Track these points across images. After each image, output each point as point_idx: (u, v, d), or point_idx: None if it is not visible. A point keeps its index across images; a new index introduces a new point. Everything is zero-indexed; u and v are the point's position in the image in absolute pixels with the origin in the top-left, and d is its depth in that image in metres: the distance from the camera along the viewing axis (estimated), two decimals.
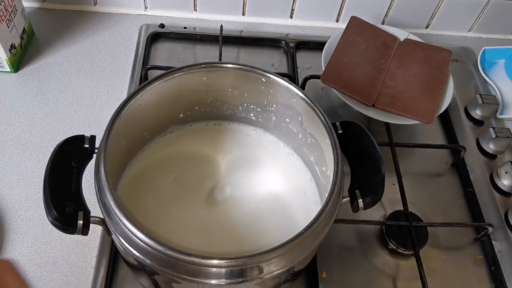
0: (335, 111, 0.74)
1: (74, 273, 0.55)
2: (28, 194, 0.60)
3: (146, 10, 0.84)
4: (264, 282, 0.43)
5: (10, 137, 0.65)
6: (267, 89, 0.54)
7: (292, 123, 0.56)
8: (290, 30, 0.86)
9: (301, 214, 0.53)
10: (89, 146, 0.46)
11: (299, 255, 0.41)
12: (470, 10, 0.85)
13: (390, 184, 0.65)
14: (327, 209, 0.42)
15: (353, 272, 0.58)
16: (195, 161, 0.56)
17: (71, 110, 0.69)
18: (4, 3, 0.67)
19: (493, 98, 0.74)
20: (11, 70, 0.72)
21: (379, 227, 0.62)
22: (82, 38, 0.79)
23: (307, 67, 0.80)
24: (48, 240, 0.57)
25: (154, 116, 0.54)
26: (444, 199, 0.67)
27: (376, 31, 0.75)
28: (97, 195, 0.43)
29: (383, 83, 0.69)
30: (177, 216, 0.51)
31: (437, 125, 0.75)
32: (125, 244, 0.40)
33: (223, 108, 0.59)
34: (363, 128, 0.51)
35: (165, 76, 0.50)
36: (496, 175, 0.68)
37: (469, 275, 0.60)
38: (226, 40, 0.78)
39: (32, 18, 0.79)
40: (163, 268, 0.39)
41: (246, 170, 0.57)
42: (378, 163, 0.48)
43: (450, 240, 0.62)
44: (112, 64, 0.76)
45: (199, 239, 0.50)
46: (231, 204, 0.53)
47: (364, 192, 0.46)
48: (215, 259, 0.38)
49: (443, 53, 0.73)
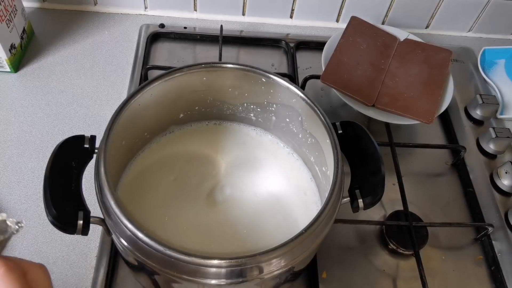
0: (335, 111, 0.74)
1: (74, 273, 0.55)
2: (28, 194, 0.60)
3: (146, 10, 0.84)
4: (264, 282, 0.43)
5: (10, 137, 0.65)
6: (267, 89, 0.54)
7: (292, 123, 0.56)
8: (290, 30, 0.86)
9: (301, 214, 0.53)
10: (89, 146, 0.46)
11: (299, 255, 0.41)
12: (470, 10, 0.85)
13: (390, 184, 0.65)
14: (327, 209, 0.42)
15: (353, 272, 0.58)
16: (195, 161, 0.56)
17: (71, 110, 0.69)
18: (4, 3, 0.67)
19: (493, 98, 0.74)
20: (11, 70, 0.72)
21: (379, 227, 0.62)
22: (82, 38, 0.79)
23: (307, 67, 0.80)
24: (48, 240, 0.57)
25: (154, 116, 0.54)
26: (444, 199, 0.67)
27: (376, 31, 0.75)
28: (97, 195, 0.43)
29: (383, 83, 0.69)
30: (177, 216, 0.51)
31: (437, 125, 0.75)
32: (125, 244, 0.40)
33: (223, 108, 0.59)
34: (363, 128, 0.51)
35: (165, 76, 0.50)
36: (496, 175, 0.68)
37: (469, 275, 0.60)
38: (226, 40, 0.78)
39: (32, 18, 0.79)
40: (163, 268, 0.39)
41: (246, 170, 0.56)
42: (378, 163, 0.48)
43: (450, 240, 0.62)
44: (112, 64, 0.76)
45: (199, 239, 0.50)
46: (231, 204, 0.53)
47: (364, 192, 0.46)
48: (215, 259, 0.38)
49: (443, 53, 0.73)
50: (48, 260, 0.55)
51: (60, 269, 0.55)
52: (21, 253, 0.55)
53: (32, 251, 0.56)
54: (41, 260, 0.54)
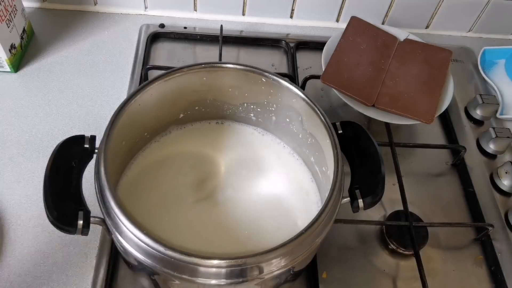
0: (335, 111, 0.74)
1: (74, 273, 0.55)
2: (28, 194, 0.60)
3: (146, 10, 0.84)
4: (264, 282, 0.43)
5: (10, 137, 0.65)
6: (267, 89, 0.54)
7: (292, 123, 0.56)
8: (290, 30, 0.86)
9: (302, 214, 0.53)
10: (89, 146, 0.46)
11: (299, 255, 0.41)
12: (470, 10, 0.85)
13: (390, 184, 0.65)
14: (327, 209, 0.42)
15: (353, 272, 0.58)
16: (195, 161, 0.56)
17: (71, 110, 0.69)
18: (4, 3, 0.67)
19: (493, 98, 0.74)
20: (11, 70, 0.72)
21: (379, 227, 0.62)
22: (82, 38, 0.79)
23: (307, 67, 0.80)
24: (48, 240, 0.57)
25: (154, 116, 0.54)
26: (444, 199, 0.67)
27: (376, 31, 0.75)
28: (97, 195, 0.43)
29: (383, 83, 0.69)
30: (177, 216, 0.51)
31: (437, 125, 0.75)
32: (125, 244, 0.40)
33: (223, 108, 0.59)
34: (363, 128, 0.51)
35: (165, 76, 0.50)
36: (496, 175, 0.68)
37: (469, 275, 0.60)
38: (226, 40, 0.78)
39: (32, 18, 0.79)
40: (163, 268, 0.39)
41: (247, 170, 0.56)
42: (378, 163, 0.48)
43: (450, 240, 0.62)
44: (112, 64, 0.76)
45: (199, 239, 0.50)
46: (231, 204, 0.53)
47: (364, 192, 0.46)
48: (215, 259, 0.38)
49: (443, 53, 0.73)
50: (48, 260, 0.55)
51: (60, 269, 0.55)
52: (21, 253, 0.55)
53: (32, 251, 0.56)
54: (41, 260, 0.55)
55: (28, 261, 0.55)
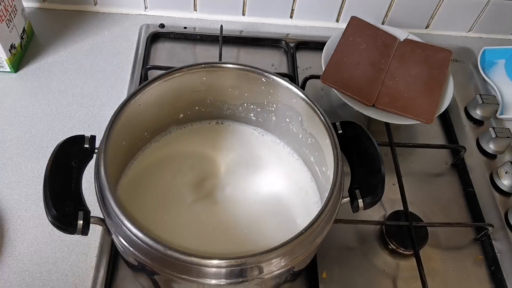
0: (335, 111, 0.74)
1: (74, 273, 0.55)
2: (28, 194, 0.60)
3: (146, 10, 0.84)
4: (264, 282, 0.43)
5: (10, 137, 0.66)
6: (267, 89, 0.54)
7: (292, 123, 0.56)
8: (290, 30, 0.86)
9: (302, 214, 0.53)
10: (89, 146, 0.46)
11: (299, 255, 0.41)
12: (470, 10, 0.85)
13: (390, 184, 0.65)
14: (327, 209, 0.42)
15: (353, 272, 0.58)
16: (195, 161, 0.56)
17: (71, 110, 0.70)
18: (4, 3, 0.67)
19: (493, 98, 0.74)
20: (11, 70, 0.72)
21: (379, 227, 0.62)
22: (82, 38, 0.79)
23: (307, 67, 0.80)
24: (48, 240, 0.57)
25: (154, 116, 0.54)
26: (444, 199, 0.67)
27: (376, 31, 0.75)
28: (97, 195, 0.43)
29: (383, 83, 0.69)
30: (177, 216, 0.51)
31: (437, 125, 0.75)
32: (125, 244, 0.40)
33: (223, 108, 0.59)
34: (363, 128, 0.51)
35: (165, 76, 0.50)
36: (496, 175, 0.68)
37: (469, 275, 0.60)
38: (226, 40, 0.78)
39: (32, 18, 0.79)
40: (163, 268, 0.39)
41: (246, 170, 0.56)
42: (378, 163, 0.48)
43: (450, 240, 0.62)
44: (112, 64, 0.76)
45: (199, 239, 0.50)
46: (231, 204, 0.53)
47: (364, 192, 0.46)
48: (215, 259, 0.38)
49: (443, 53, 0.73)
50: (48, 260, 0.55)
51: (60, 269, 0.55)
52: (21, 253, 0.55)
53: (32, 251, 0.56)
54: (41, 260, 0.55)
55: (28, 261, 0.55)
